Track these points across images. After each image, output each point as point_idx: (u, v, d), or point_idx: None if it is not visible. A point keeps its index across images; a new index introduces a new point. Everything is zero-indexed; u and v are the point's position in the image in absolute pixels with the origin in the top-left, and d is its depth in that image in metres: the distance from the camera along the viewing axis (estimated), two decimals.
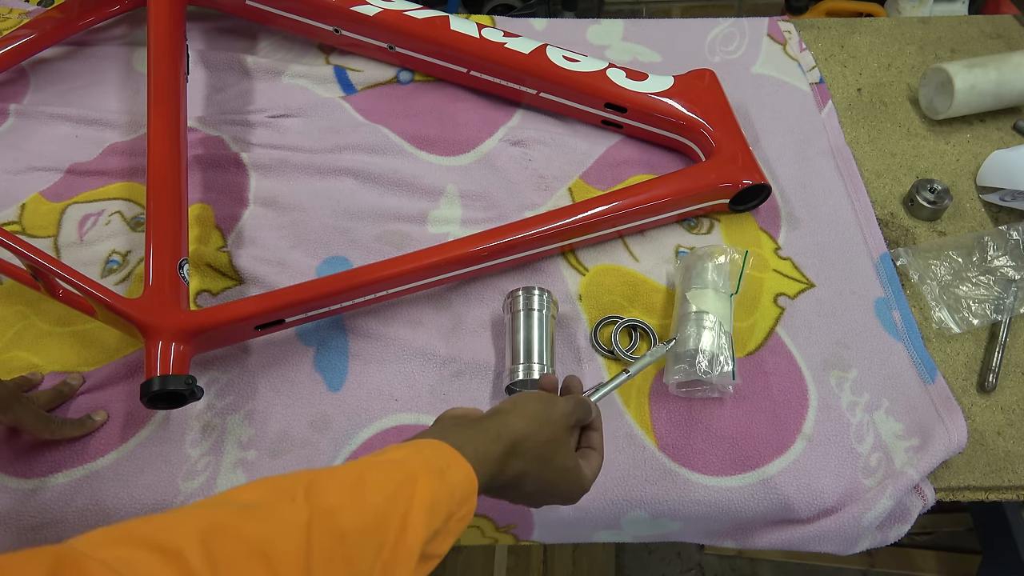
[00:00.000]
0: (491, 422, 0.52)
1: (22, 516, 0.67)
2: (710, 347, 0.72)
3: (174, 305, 0.71)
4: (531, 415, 0.53)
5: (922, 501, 0.70)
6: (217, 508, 0.38)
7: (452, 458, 0.47)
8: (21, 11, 1.09)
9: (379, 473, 0.43)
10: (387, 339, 0.78)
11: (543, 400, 0.56)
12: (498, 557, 1.41)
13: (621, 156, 0.95)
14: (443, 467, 0.46)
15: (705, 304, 0.74)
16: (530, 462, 0.52)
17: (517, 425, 0.52)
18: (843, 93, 1.05)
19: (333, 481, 0.41)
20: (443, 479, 0.45)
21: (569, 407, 0.56)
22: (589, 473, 0.57)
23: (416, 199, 0.90)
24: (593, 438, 0.60)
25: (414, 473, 0.43)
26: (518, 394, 0.57)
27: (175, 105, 0.87)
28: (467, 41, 0.94)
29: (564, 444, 0.55)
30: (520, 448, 0.51)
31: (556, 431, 0.54)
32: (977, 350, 0.81)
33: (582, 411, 0.58)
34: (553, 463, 0.53)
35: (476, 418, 0.53)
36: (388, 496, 0.42)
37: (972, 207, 0.93)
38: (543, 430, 0.53)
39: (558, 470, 0.54)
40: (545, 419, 0.54)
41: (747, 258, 0.80)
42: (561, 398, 0.58)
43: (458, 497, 0.46)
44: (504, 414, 0.53)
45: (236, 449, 0.71)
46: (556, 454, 0.54)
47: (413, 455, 0.46)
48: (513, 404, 0.55)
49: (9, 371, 0.75)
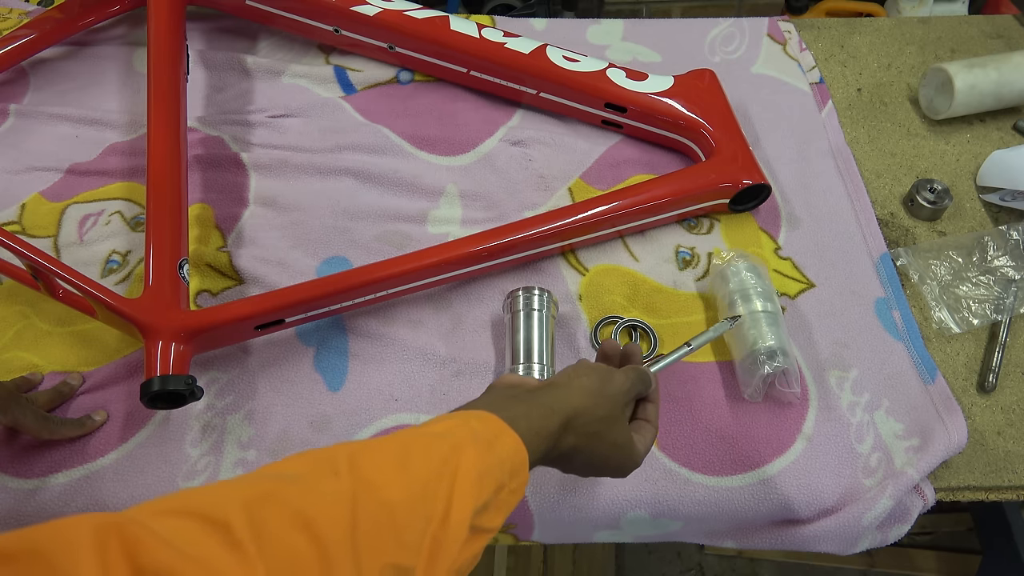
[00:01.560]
0: (546, 395, 0.51)
1: (22, 516, 0.67)
2: (779, 342, 0.73)
3: (174, 305, 0.71)
4: (588, 390, 0.52)
5: (922, 501, 0.70)
6: (261, 480, 0.37)
7: (500, 430, 0.46)
8: (21, 11, 1.09)
9: (424, 445, 0.42)
10: (387, 339, 0.78)
11: (600, 374, 0.54)
12: (498, 557, 1.41)
13: (621, 156, 0.95)
14: (491, 439, 0.45)
15: (756, 306, 0.75)
16: (583, 438, 0.51)
17: (573, 400, 0.51)
18: (843, 93, 1.05)
19: (377, 454, 0.40)
20: (491, 450, 0.44)
21: (628, 382, 0.55)
22: (642, 448, 0.55)
23: (416, 199, 0.90)
24: (649, 410, 0.58)
25: (460, 444, 0.42)
26: (575, 365, 0.56)
27: (175, 105, 0.87)
28: (467, 41, 0.94)
29: (619, 420, 0.53)
30: (575, 423, 0.50)
31: (613, 406, 0.53)
32: (977, 350, 0.81)
33: (641, 384, 0.56)
34: (607, 439, 0.52)
35: (530, 389, 0.52)
36: (434, 468, 0.40)
37: (972, 207, 0.93)
38: (599, 405, 0.52)
39: (612, 445, 0.53)
40: (601, 394, 0.52)
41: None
42: (619, 371, 0.56)
43: (508, 469, 0.44)
44: (560, 388, 0.52)
45: (236, 449, 0.71)
46: (611, 430, 0.52)
47: (460, 426, 0.44)
48: (569, 378, 0.53)
49: (9, 371, 0.75)
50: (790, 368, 0.72)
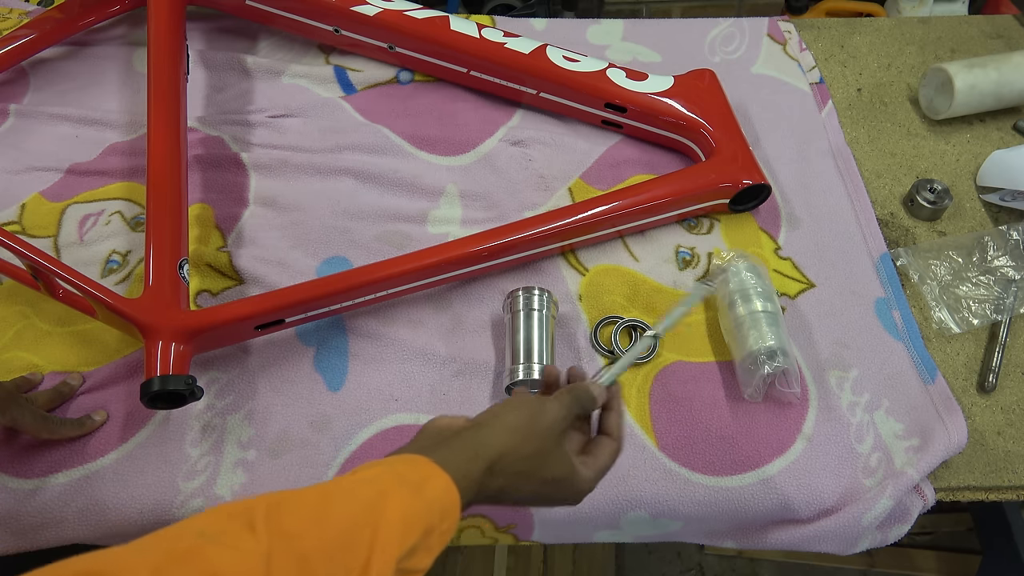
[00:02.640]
0: (469, 438, 0.49)
1: (22, 516, 0.67)
2: (779, 342, 0.73)
3: (174, 305, 0.71)
4: (512, 427, 0.50)
5: (922, 501, 0.70)
6: (174, 540, 0.37)
7: (430, 472, 0.45)
8: (21, 11, 1.09)
9: (347, 492, 0.42)
10: (387, 339, 0.78)
11: (529, 408, 0.52)
12: (498, 557, 1.41)
13: (621, 156, 0.95)
14: (420, 482, 0.44)
15: (756, 306, 0.75)
16: (511, 478, 0.48)
17: (497, 440, 0.48)
18: (843, 93, 1.05)
19: (295, 504, 0.40)
20: (419, 494, 0.43)
21: (563, 408, 0.52)
22: (591, 473, 0.52)
23: (416, 199, 0.90)
24: (610, 421, 0.56)
25: (386, 490, 0.42)
26: (503, 402, 0.53)
27: (175, 105, 0.87)
28: (467, 41, 0.94)
29: (552, 454, 0.51)
30: (499, 465, 0.48)
31: (543, 442, 0.50)
32: (977, 350, 0.81)
33: (580, 405, 0.54)
34: (537, 476, 0.50)
35: (456, 431, 0.50)
36: (355, 516, 0.40)
37: (972, 207, 0.93)
38: (527, 443, 0.49)
39: (544, 482, 0.50)
40: (529, 431, 0.50)
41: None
42: (552, 400, 0.53)
43: (437, 511, 0.43)
44: (484, 427, 0.50)
45: (236, 449, 0.71)
46: (542, 467, 0.50)
47: (385, 471, 0.44)
48: (494, 415, 0.51)
49: (9, 371, 0.75)
50: (790, 368, 0.72)
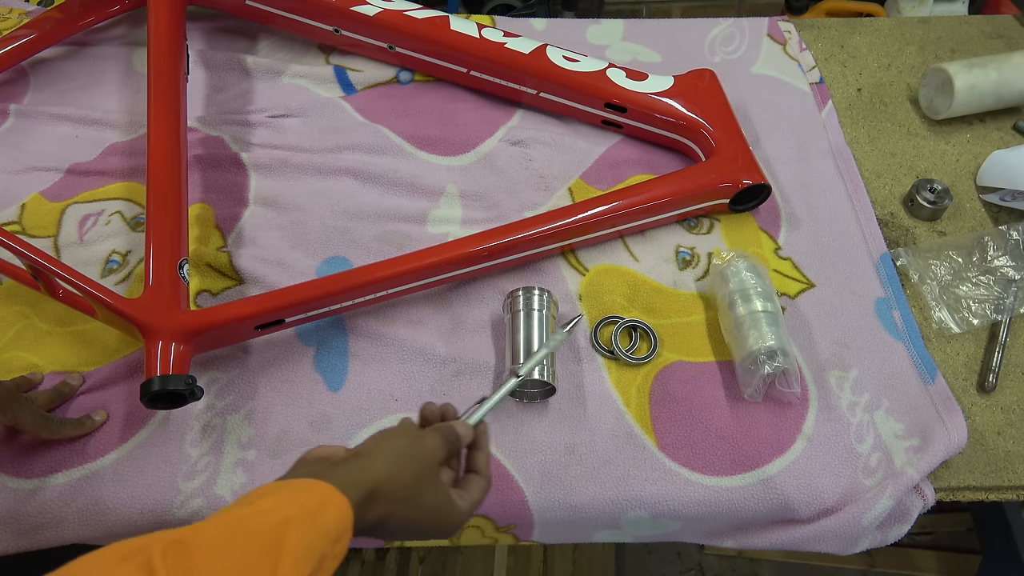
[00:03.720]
0: (350, 467, 0.49)
1: (22, 516, 0.67)
2: (779, 342, 0.73)
3: (174, 305, 0.71)
4: (395, 454, 0.51)
5: (922, 501, 0.70)
6: None
7: (328, 497, 0.45)
8: (21, 11, 1.09)
9: (248, 526, 0.42)
10: (387, 339, 0.78)
11: (409, 437, 0.53)
12: (498, 557, 1.41)
13: (621, 156, 0.95)
14: (317, 508, 0.44)
15: (756, 306, 0.75)
16: (392, 505, 0.49)
17: (378, 468, 0.49)
18: (843, 93, 1.05)
19: (197, 543, 0.39)
20: (316, 523, 0.43)
21: (438, 441, 0.54)
22: (465, 504, 0.54)
23: (416, 199, 0.90)
24: (478, 459, 0.58)
25: (286, 521, 0.42)
26: (384, 430, 0.55)
27: (175, 105, 0.87)
28: (467, 41, 0.94)
29: (432, 481, 0.52)
30: (381, 491, 0.49)
31: (424, 468, 0.51)
32: (977, 350, 0.81)
33: (450, 443, 0.55)
34: (418, 503, 0.51)
35: (336, 461, 0.50)
36: (255, 553, 0.40)
37: (972, 207, 0.93)
38: (408, 469, 0.50)
39: (425, 509, 0.51)
40: (409, 458, 0.51)
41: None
42: (429, 432, 0.55)
43: (332, 536, 0.44)
44: (365, 456, 0.50)
45: (236, 449, 0.71)
46: (422, 494, 0.51)
47: (285, 500, 0.44)
48: (376, 443, 0.52)
49: (9, 371, 0.75)
50: (790, 368, 0.72)
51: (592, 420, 0.74)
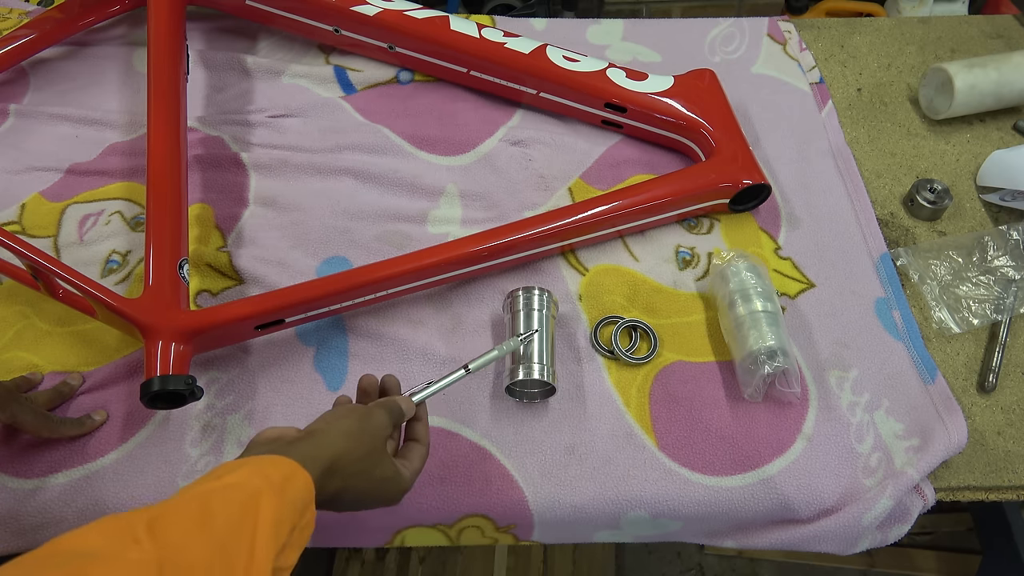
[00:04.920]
0: (306, 444, 0.51)
1: (22, 516, 0.67)
2: (779, 342, 0.72)
3: (174, 305, 0.71)
4: (346, 431, 0.53)
5: (922, 501, 0.70)
6: (53, 562, 0.36)
7: (291, 470, 0.47)
8: (21, 11, 1.09)
9: (222, 499, 0.43)
10: (387, 339, 0.78)
11: (358, 415, 0.55)
12: (498, 557, 1.41)
13: (621, 156, 0.95)
14: (283, 481, 0.46)
15: (756, 306, 0.75)
16: (348, 478, 0.52)
17: (333, 444, 0.52)
18: (843, 93, 1.05)
19: (176, 515, 0.40)
20: (284, 494, 0.45)
21: (385, 418, 0.56)
22: (409, 473, 0.57)
23: (416, 199, 0.90)
24: (417, 430, 0.61)
25: (256, 494, 0.43)
26: (332, 410, 0.57)
27: (175, 105, 0.87)
28: (467, 41, 0.94)
29: (382, 454, 0.55)
30: (337, 466, 0.51)
31: (374, 443, 0.54)
32: (977, 350, 0.81)
33: (395, 415, 0.58)
34: (372, 475, 0.54)
35: (289, 441, 0.52)
36: (233, 523, 0.41)
37: (972, 207, 0.93)
38: (360, 445, 0.53)
39: (377, 480, 0.54)
40: (361, 433, 0.54)
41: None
42: (376, 407, 0.57)
43: (299, 508, 0.46)
44: (319, 434, 0.53)
45: (236, 449, 0.71)
46: (375, 466, 0.54)
47: (253, 474, 0.45)
48: (327, 423, 0.54)
49: (9, 371, 0.75)
50: (790, 368, 0.72)
51: (592, 420, 0.74)
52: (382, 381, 0.63)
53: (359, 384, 0.62)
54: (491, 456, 0.72)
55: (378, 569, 1.39)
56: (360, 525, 0.71)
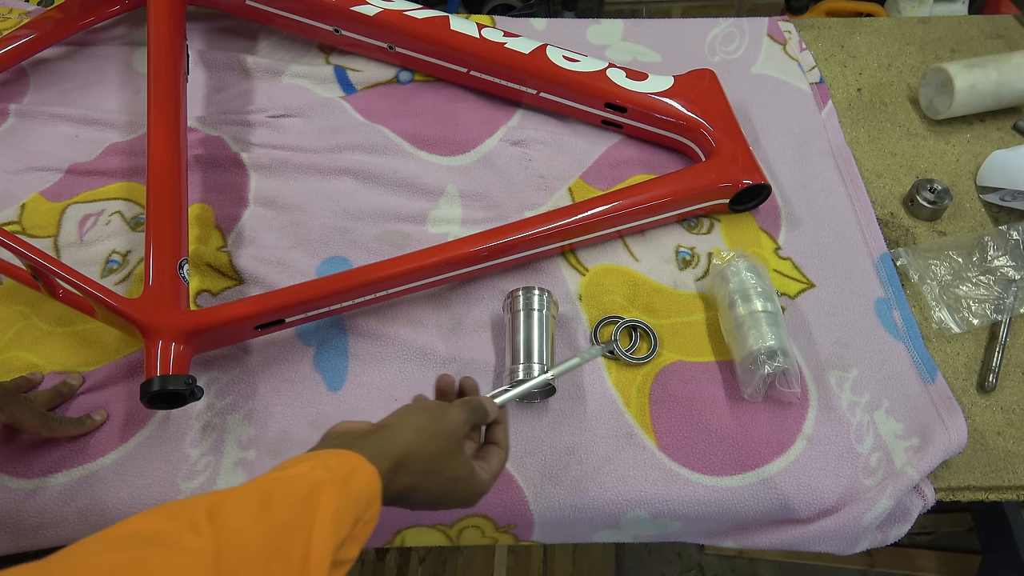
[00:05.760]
0: (376, 439, 0.51)
1: (22, 516, 0.67)
2: (779, 342, 0.72)
3: (174, 305, 0.71)
4: (418, 428, 0.53)
5: (922, 501, 0.70)
6: (116, 546, 0.36)
7: (356, 464, 0.47)
8: (21, 11, 1.09)
9: (284, 489, 0.43)
10: (387, 339, 0.78)
11: (432, 411, 0.55)
12: (498, 557, 1.41)
13: (621, 156, 0.95)
14: (347, 475, 0.46)
15: (756, 306, 0.75)
16: (418, 476, 0.51)
17: (403, 440, 0.51)
18: (843, 93, 1.05)
19: (236, 503, 0.41)
20: (347, 487, 0.45)
21: (463, 416, 0.55)
22: (487, 476, 0.56)
23: (416, 199, 0.90)
24: (497, 433, 0.60)
25: (319, 485, 0.43)
26: (407, 406, 0.56)
27: (175, 105, 0.87)
28: (467, 41, 0.94)
29: (456, 454, 0.54)
30: (407, 463, 0.50)
31: (447, 442, 0.53)
32: (977, 350, 0.81)
33: (477, 415, 0.57)
34: (443, 474, 0.53)
35: (360, 434, 0.52)
36: (293, 512, 0.41)
37: (972, 207, 0.93)
38: (432, 442, 0.52)
39: (450, 480, 0.53)
40: (434, 431, 0.53)
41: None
42: (453, 405, 0.56)
43: (363, 502, 0.46)
44: (389, 429, 0.52)
45: (236, 449, 0.71)
46: (447, 465, 0.53)
47: (317, 466, 0.45)
48: (399, 418, 0.54)
49: (9, 371, 0.75)
50: (790, 368, 0.72)
51: (592, 420, 0.74)
52: (460, 382, 0.62)
53: (436, 384, 0.61)
54: None
55: (378, 569, 1.39)
56: None
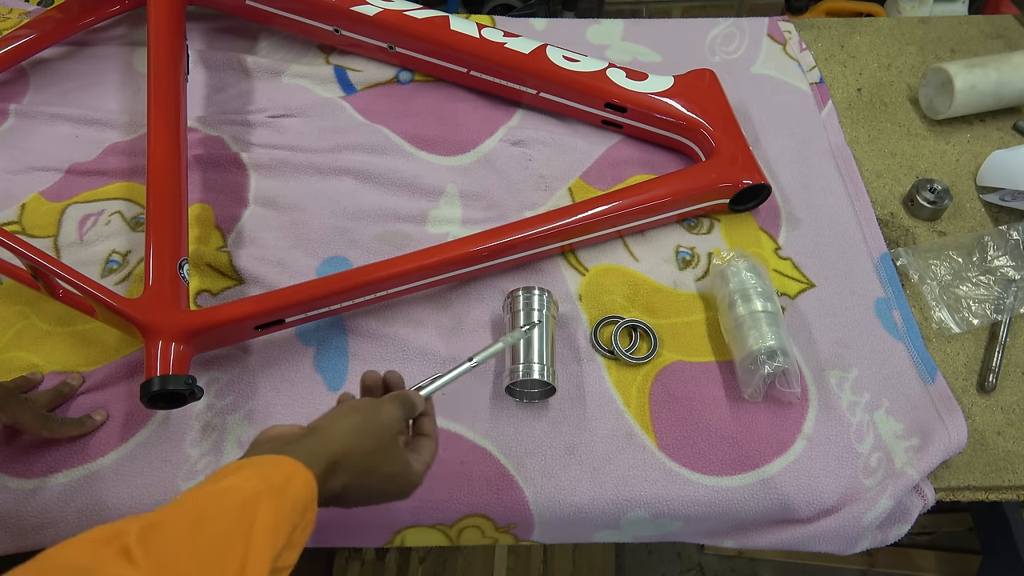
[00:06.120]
0: (309, 442, 0.51)
1: (22, 516, 0.67)
2: (778, 342, 0.72)
3: (174, 305, 0.71)
4: (351, 428, 0.52)
5: (922, 501, 0.70)
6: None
7: (292, 470, 0.47)
8: (21, 11, 1.09)
9: (219, 502, 0.42)
10: (387, 339, 0.78)
11: (363, 410, 0.54)
12: (498, 557, 1.41)
13: (621, 156, 0.95)
14: (283, 482, 0.45)
15: (756, 306, 0.75)
16: (354, 475, 0.51)
17: (337, 441, 0.51)
18: (843, 93, 1.05)
19: (170, 524, 0.40)
20: (284, 495, 0.44)
21: (397, 411, 0.55)
22: (420, 467, 0.56)
23: (416, 199, 0.90)
24: (426, 424, 0.60)
25: (254, 496, 0.43)
26: (337, 406, 0.57)
27: (175, 105, 0.87)
28: (467, 41, 0.94)
29: (391, 449, 0.54)
30: (342, 463, 0.50)
31: (381, 439, 0.53)
32: (977, 350, 0.81)
33: (406, 409, 0.57)
34: (379, 471, 0.53)
35: (290, 439, 0.52)
36: (229, 527, 0.41)
37: (972, 207, 0.93)
38: (365, 441, 0.52)
39: (386, 476, 0.54)
40: (366, 429, 0.53)
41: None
42: (385, 402, 0.56)
43: (300, 508, 0.46)
44: (322, 431, 0.52)
45: (236, 449, 0.71)
46: (383, 462, 0.53)
47: (251, 476, 0.45)
48: (331, 420, 0.54)
49: (9, 371, 0.75)
50: (790, 368, 0.72)
51: (592, 420, 0.74)
52: (385, 377, 0.62)
53: (362, 381, 0.61)
54: (491, 456, 0.72)
55: (378, 569, 1.39)
56: (360, 525, 0.71)
